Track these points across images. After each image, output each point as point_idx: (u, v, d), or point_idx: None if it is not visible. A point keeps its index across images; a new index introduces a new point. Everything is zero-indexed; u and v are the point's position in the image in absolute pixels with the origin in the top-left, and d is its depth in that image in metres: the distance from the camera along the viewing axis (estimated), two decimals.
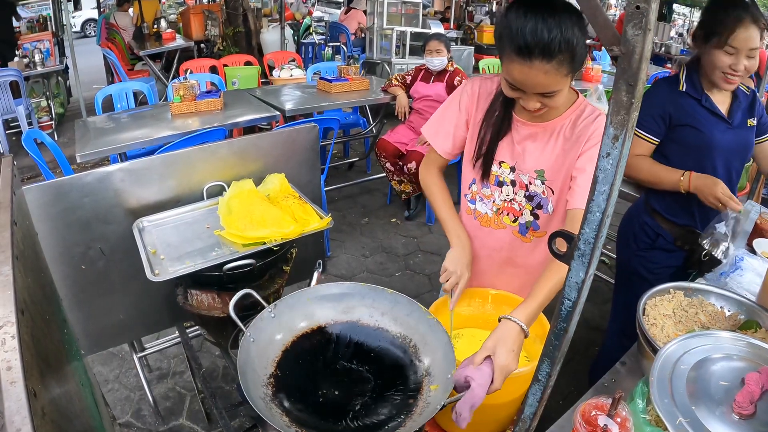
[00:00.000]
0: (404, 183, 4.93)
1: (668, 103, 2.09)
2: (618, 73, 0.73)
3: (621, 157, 0.74)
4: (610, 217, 0.78)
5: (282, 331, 1.54)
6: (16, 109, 6.29)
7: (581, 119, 1.60)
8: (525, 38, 1.31)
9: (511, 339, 1.33)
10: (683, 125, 2.10)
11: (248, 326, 1.47)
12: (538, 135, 1.65)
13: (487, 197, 1.81)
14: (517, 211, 1.77)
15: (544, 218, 1.74)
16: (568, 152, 1.61)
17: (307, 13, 12.31)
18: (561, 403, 2.63)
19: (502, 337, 1.33)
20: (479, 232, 1.88)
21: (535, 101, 1.46)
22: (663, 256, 2.29)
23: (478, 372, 1.27)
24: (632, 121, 0.73)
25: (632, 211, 2.44)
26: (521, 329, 1.36)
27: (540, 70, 1.34)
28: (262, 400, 1.32)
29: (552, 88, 1.40)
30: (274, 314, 1.54)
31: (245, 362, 1.37)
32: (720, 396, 1.22)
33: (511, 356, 1.31)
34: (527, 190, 1.72)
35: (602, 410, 1.15)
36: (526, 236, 1.80)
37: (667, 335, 1.55)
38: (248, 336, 1.44)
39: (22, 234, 1.22)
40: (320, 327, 1.60)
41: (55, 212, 1.95)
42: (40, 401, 0.71)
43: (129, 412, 2.91)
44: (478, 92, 1.74)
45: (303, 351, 1.53)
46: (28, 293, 0.98)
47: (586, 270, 0.81)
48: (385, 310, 1.62)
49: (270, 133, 2.46)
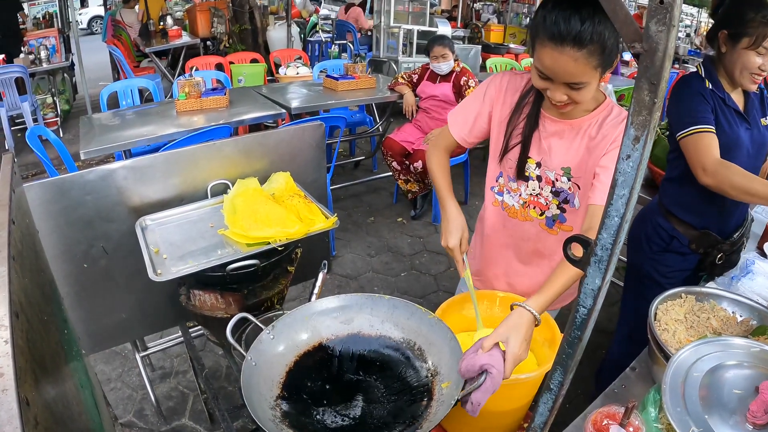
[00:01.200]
0: (410, 182, 4.91)
1: (705, 95, 2.02)
2: (640, 71, 0.70)
3: (642, 160, 0.71)
4: (629, 223, 0.75)
5: (284, 352, 1.51)
6: (22, 105, 6.29)
7: (608, 120, 1.61)
8: (559, 25, 1.34)
9: (524, 327, 1.31)
10: (713, 121, 2.03)
11: (249, 351, 1.44)
12: (565, 132, 1.67)
13: (514, 191, 1.83)
14: (543, 206, 1.79)
15: (571, 212, 1.76)
16: (593, 151, 1.62)
17: (314, 11, 12.28)
18: (567, 407, 2.60)
19: (515, 325, 1.31)
20: (508, 223, 1.90)
21: (563, 93, 1.47)
22: (677, 260, 2.24)
23: (492, 358, 1.24)
24: (654, 121, 0.70)
25: (645, 213, 2.39)
26: (533, 318, 1.34)
27: (570, 57, 1.36)
28: (272, 422, 1.29)
29: (580, 78, 1.41)
30: (273, 335, 1.50)
31: (249, 387, 1.33)
32: (733, 405, 1.20)
33: (524, 346, 1.29)
34: (554, 186, 1.73)
35: (614, 419, 1.13)
36: (553, 228, 1.82)
37: (678, 341, 1.52)
38: (249, 361, 1.41)
39: (21, 233, 1.19)
40: (321, 343, 1.56)
41: (56, 210, 1.93)
42: (33, 409, 0.69)
43: (131, 412, 2.89)
44: (506, 86, 1.76)
45: (308, 369, 1.49)
46: (25, 294, 0.95)
47: (602, 276, 0.77)
48: (385, 317, 1.59)
49: (276, 131, 2.43)
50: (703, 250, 2.18)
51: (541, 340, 1.69)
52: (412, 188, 4.96)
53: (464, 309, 1.78)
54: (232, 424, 1.91)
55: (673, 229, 2.21)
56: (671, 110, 2.11)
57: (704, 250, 2.17)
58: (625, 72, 7.78)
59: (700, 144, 1.96)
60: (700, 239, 2.17)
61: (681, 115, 2.03)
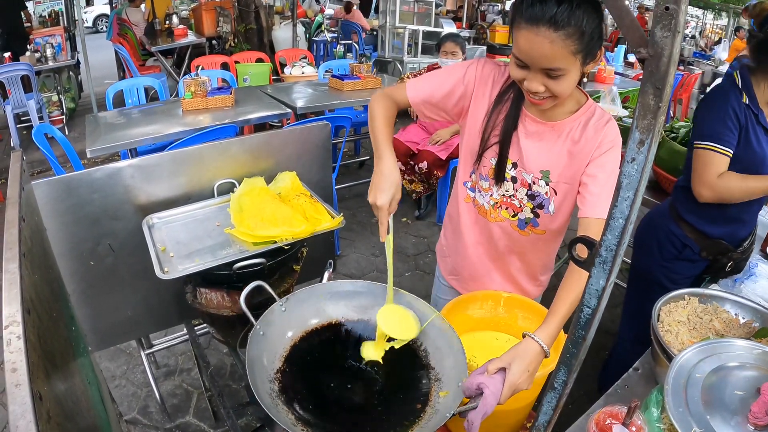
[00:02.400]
0: (415, 182, 4.91)
1: (739, 112, 1.96)
2: (645, 75, 0.70)
3: (646, 163, 0.71)
4: (633, 224, 0.75)
5: (292, 326, 1.53)
6: (27, 103, 6.32)
7: (591, 122, 1.56)
8: (535, 6, 1.31)
9: (529, 358, 1.28)
10: (742, 139, 1.98)
11: (258, 319, 1.46)
12: (546, 134, 1.62)
13: (486, 190, 1.78)
14: (517, 207, 1.74)
15: (545, 218, 1.71)
16: (576, 156, 1.58)
17: (319, 11, 12.30)
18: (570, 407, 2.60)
19: (520, 354, 1.29)
20: (479, 220, 1.86)
21: (540, 83, 1.41)
22: (686, 267, 2.23)
23: (491, 380, 1.24)
24: (659, 125, 0.70)
25: (655, 218, 2.36)
26: (542, 350, 1.30)
27: (546, 38, 1.31)
28: (269, 396, 1.30)
29: (557, 62, 1.35)
30: (285, 308, 1.52)
31: (254, 356, 1.35)
32: (735, 406, 1.20)
33: (525, 375, 1.26)
34: (530, 189, 1.68)
35: (617, 418, 1.13)
36: (525, 230, 1.77)
37: (681, 342, 1.53)
38: (258, 329, 1.42)
39: (31, 230, 1.21)
40: (331, 323, 1.58)
41: (64, 208, 1.94)
42: (46, 404, 0.70)
43: (136, 409, 2.91)
44: (489, 77, 1.68)
45: (312, 347, 1.51)
46: (36, 291, 0.97)
47: (606, 277, 0.78)
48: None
49: (282, 131, 2.44)
50: (712, 257, 2.17)
51: None
52: (416, 188, 4.96)
53: (469, 309, 1.79)
54: (237, 422, 1.92)
55: (686, 237, 2.19)
56: (699, 114, 2.07)
57: (714, 257, 2.16)
58: (630, 74, 7.76)
59: (710, 161, 1.95)
60: (711, 247, 2.15)
61: (706, 125, 1.99)
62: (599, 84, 6.38)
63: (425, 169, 4.64)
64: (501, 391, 1.23)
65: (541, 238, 1.77)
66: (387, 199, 1.46)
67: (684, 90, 8.30)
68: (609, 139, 1.53)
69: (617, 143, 1.54)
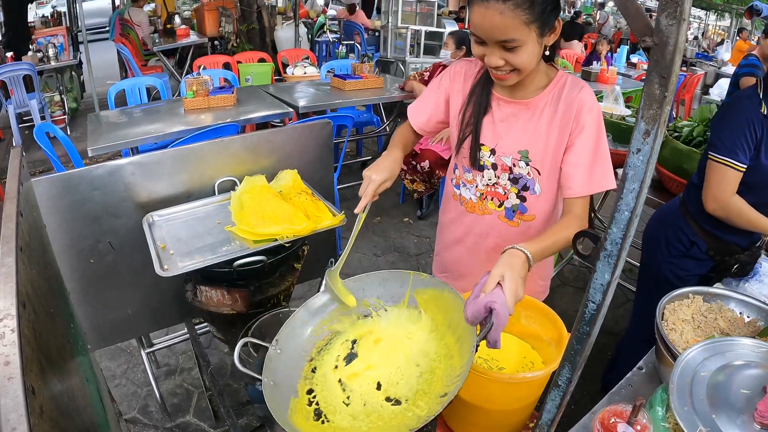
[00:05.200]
0: (417, 182, 4.89)
1: (756, 124, 1.94)
2: (651, 65, 0.69)
3: (652, 153, 0.70)
4: (639, 217, 0.74)
5: (296, 361, 1.47)
6: (30, 103, 6.31)
7: (564, 94, 1.56)
8: None
9: (518, 266, 1.26)
10: (759, 153, 1.96)
11: (263, 372, 1.39)
12: (521, 113, 1.62)
13: (470, 182, 1.78)
14: (501, 195, 1.73)
15: (532, 200, 1.70)
16: (554, 130, 1.58)
17: (321, 12, 12.29)
18: (573, 408, 2.59)
19: (508, 264, 1.26)
20: (465, 218, 1.86)
21: (498, 57, 1.43)
22: (693, 264, 2.23)
23: (494, 295, 1.20)
24: (664, 115, 0.69)
25: (665, 215, 2.35)
26: (526, 258, 1.29)
27: (496, 10, 1.33)
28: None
29: (510, 33, 1.36)
30: (280, 349, 1.46)
31: (277, 410, 1.28)
32: (741, 404, 1.19)
33: (519, 282, 1.24)
34: (511, 173, 1.68)
35: (621, 417, 1.12)
36: (513, 220, 1.76)
37: (686, 341, 1.51)
38: (268, 382, 1.35)
39: (29, 225, 1.19)
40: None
41: (64, 205, 1.93)
42: (39, 398, 0.69)
43: (136, 408, 2.90)
44: (461, 73, 1.74)
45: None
46: (32, 286, 0.96)
47: (612, 272, 0.77)
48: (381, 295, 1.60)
49: (283, 129, 2.42)
50: (719, 257, 2.17)
51: (547, 339, 1.67)
52: (418, 188, 4.94)
53: None
54: (237, 422, 1.91)
55: (695, 235, 2.19)
56: (717, 123, 2.05)
57: (721, 258, 2.16)
58: (632, 74, 7.75)
59: (723, 176, 1.96)
60: (719, 247, 2.15)
61: (723, 137, 1.98)
62: (602, 84, 6.37)
63: (427, 168, 4.63)
64: (506, 302, 1.19)
65: (532, 226, 1.75)
66: (382, 178, 1.58)
67: (687, 91, 8.30)
68: (587, 108, 1.53)
69: (595, 110, 1.54)
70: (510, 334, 1.78)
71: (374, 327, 1.53)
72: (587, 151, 1.52)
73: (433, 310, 1.47)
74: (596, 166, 1.51)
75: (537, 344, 1.65)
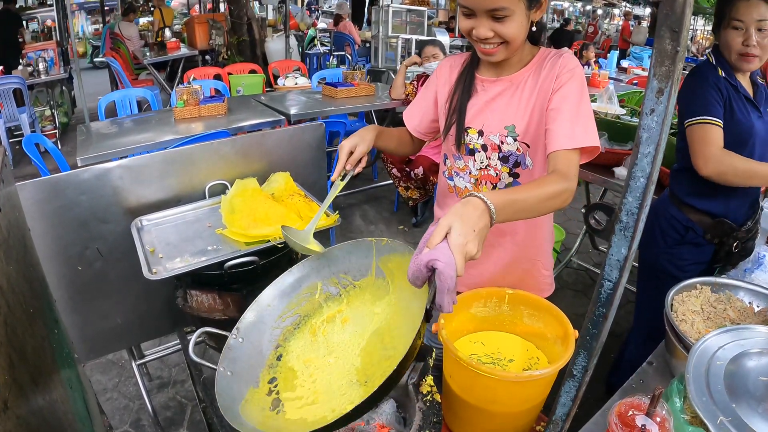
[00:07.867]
0: (411, 189, 4.85)
1: (719, 84, 2.02)
2: (660, 20, 0.65)
3: (666, 113, 0.65)
4: (655, 184, 0.69)
5: (261, 349, 1.43)
6: (20, 117, 6.26)
7: (546, 61, 1.55)
8: None
9: (473, 217, 1.09)
10: (727, 111, 2.02)
11: (220, 362, 1.35)
12: (506, 91, 1.60)
13: (462, 169, 1.74)
14: (494, 177, 1.69)
15: (525, 174, 1.65)
16: (536, 97, 1.55)
17: (312, 24, 12.32)
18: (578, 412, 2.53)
19: (459, 214, 1.09)
20: None
21: (488, 28, 1.42)
22: (692, 252, 2.20)
23: (437, 252, 1.04)
24: (678, 71, 0.65)
25: (655, 207, 2.32)
26: (486, 207, 1.12)
27: None
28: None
29: (499, 2, 1.36)
30: (242, 338, 1.42)
31: (230, 399, 1.26)
32: (761, 393, 1.14)
33: (471, 235, 1.06)
34: (500, 151, 1.64)
35: (639, 410, 1.06)
36: None
37: (698, 331, 1.47)
38: (225, 372, 1.32)
39: (9, 222, 1.14)
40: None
41: (50, 210, 1.88)
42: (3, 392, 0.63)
43: (128, 422, 2.82)
44: (446, 65, 1.77)
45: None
46: (8, 281, 0.90)
47: (629, 245, 0.71)
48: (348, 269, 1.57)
49: (275, 132, 2.38)
50: (718, 239, 2.15)
51: (552, 337, 1.62)
52: (413, 195, 4.90)
53: (472, 307, 1.72)
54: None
55: (688, 220, 2.18)
56: (682, 98, 2.10)
57: (719, 239, 2.14)
58: (623, 78, 7.77)
59: (706, 135, 1.97)
60: (715, 228, 2.14)
61: (691, 103, 2.03)
62: (594, 88, 6.35)
63: (421, 175, 4.60)
64: (452, 259, 1.03)
65: None
66: (351, 144, 1.61)
67: None
68: (568, 69, 1.49)
69: (577, 72, 1.50)
70: (512, 334, 1.73)
71: (342, 307, 1.50)
72: (568, 107, 1.46)
73: (401, 277, 1.41)
74: (578, 122, 1.44)
75: (541, 343, 1.60)
